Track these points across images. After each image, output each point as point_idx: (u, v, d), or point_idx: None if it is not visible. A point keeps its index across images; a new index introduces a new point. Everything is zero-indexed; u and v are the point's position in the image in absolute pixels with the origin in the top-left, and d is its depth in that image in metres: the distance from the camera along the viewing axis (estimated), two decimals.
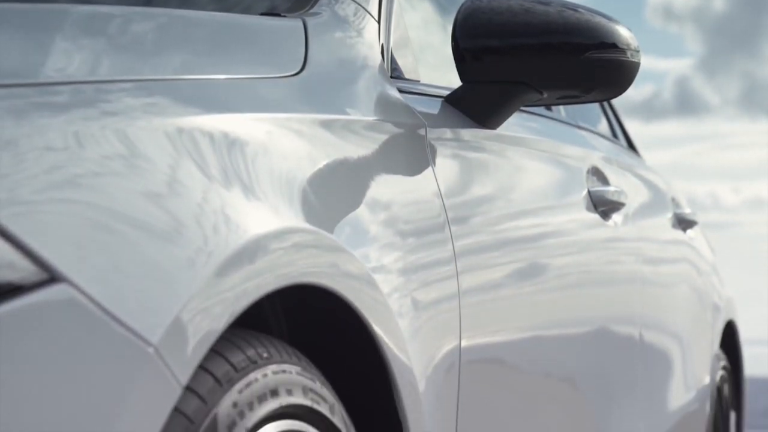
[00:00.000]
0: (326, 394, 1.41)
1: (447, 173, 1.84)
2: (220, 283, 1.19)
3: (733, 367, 3.56)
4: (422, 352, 1.60)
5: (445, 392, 1.66)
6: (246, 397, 1.25)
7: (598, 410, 2.34)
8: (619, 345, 2.50)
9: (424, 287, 1.64)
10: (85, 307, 1.06)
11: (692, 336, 3.10)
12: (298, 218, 1.39)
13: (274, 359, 1.33)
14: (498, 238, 1.94)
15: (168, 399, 1.11)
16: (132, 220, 1.14)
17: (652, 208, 3.04)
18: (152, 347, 1.09)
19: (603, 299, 2.41)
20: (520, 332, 1.95)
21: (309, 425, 1.37)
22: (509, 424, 1.90)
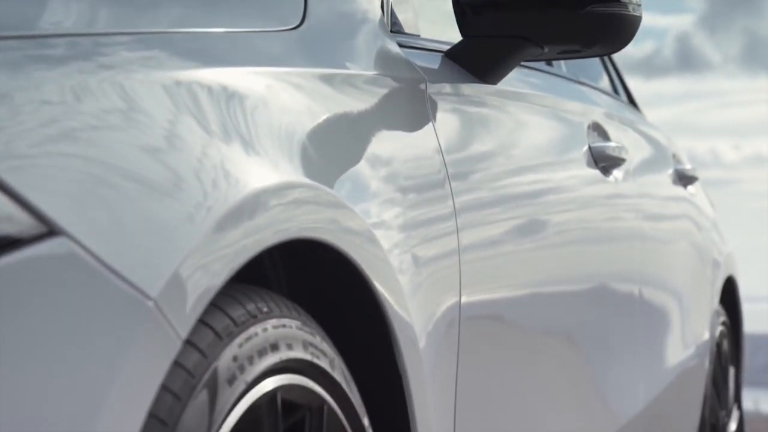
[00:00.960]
0: (326, 348, 1.41)
1: (447, 129, 1.83)
2: (219, 239, 1.18)
3: (732, 323, 3.56)
4: (422, 308, 1.60)
5: (445, 348, 1.66)
6: (246, 351, 1.25)
7: (597, 366, 2.34)
8: (618, 301, 2.51)
9: (424, 243, 1.64)
10: (84, 260, 1.06)
11: (692, 292, 3.10)
12: (297, 173, 1.38)
13: (274, 314, 1.33)
14: (498, 194, 1.94)
15: (168, 352, 1.11)
16: (130, 174, 1.13)
17: (653, 163, 3.04)
18: (152, 301, 1.09)
19: (603, 256, 2.41)
20: (520, 288, 1.95)
21: (309, 379, 1.37)
22: (508, 380, 1.90)
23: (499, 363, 1.87)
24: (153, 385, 1.09)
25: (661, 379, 2.78)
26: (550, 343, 2.11)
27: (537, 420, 2.02)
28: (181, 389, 1.14)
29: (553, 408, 2.10)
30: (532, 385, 2.00)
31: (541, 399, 2.04)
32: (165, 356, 1.11)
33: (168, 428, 1.11)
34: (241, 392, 1.23)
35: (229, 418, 1.21)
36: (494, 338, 1.85)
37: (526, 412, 1.97)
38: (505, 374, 1.90)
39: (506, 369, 1.90)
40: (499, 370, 1.87)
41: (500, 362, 1.88)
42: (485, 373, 1.80)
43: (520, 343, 1.95)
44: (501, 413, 1.88)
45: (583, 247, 2.31)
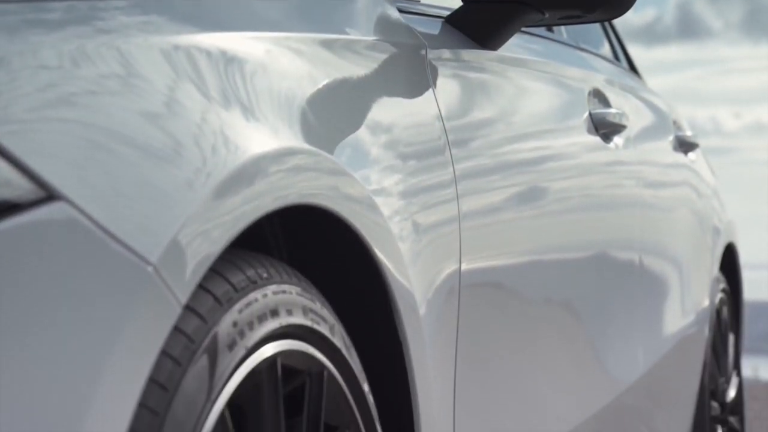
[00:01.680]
0: (326, 314, 1.41)
1: (447, 95, 1.83)
2: (218, 206, 1.18)
3: (732, 290, 3.57)
4: (423, 275, 1.60)
5: (445, 315, 1.66)
6: (246, 316, 1.25)
7: (596, 333, 2.34)
8: (618, 268, 2.51)
9: (424, 210, 1.64)
10: (83, 225, 1.06)
11: (692, 260, 3.10)
12: (297, 139, 1.38)
13: (274, 279, 1.33)
14: (498, 161, 1.94)
15: (168, 318, 1.11)
16: (129, 139, 1.13)
17: (654, 130, 3.03)
18: (151, 266, 1.09)
19: (603, 223, 2.41)
20: (520, 256, 1.95)
21: (309, 345, 1.37)
22: (508, 348, 1.90)
23: (499, 330, 1.87)
24: (153, 351, 1.09)
25: (660, 346, 2.79)
26: (550, 310, 2.11)
27: (536, 387, 2.02)
28: (181, 354, 1.14)
29: (552, 374, 2.10)
30: (532, 352, 2.00)
31: (540, 366, 2.04)
32: (165, 321, 1.10)
33: (168, 393, 1.11)
34: (241, 358, 1.23)
35: (229, 383, 1.21)
36: (494, 305, 1.85)
37: (525, 378, 1.97)
38: (505, 341, 1.90)
39: (506, 336, 1.90)
40: (499, 337, 1.87)
41: (499, 329, 1.88)
42: (485, 341, 1.81)
43: (519, 310, 1.95)
44: (500, 380, 1.88)
45: (584, 215, 2.30)
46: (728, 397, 3.44)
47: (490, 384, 1.83)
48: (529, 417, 1.99)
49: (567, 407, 2.18)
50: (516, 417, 1.94)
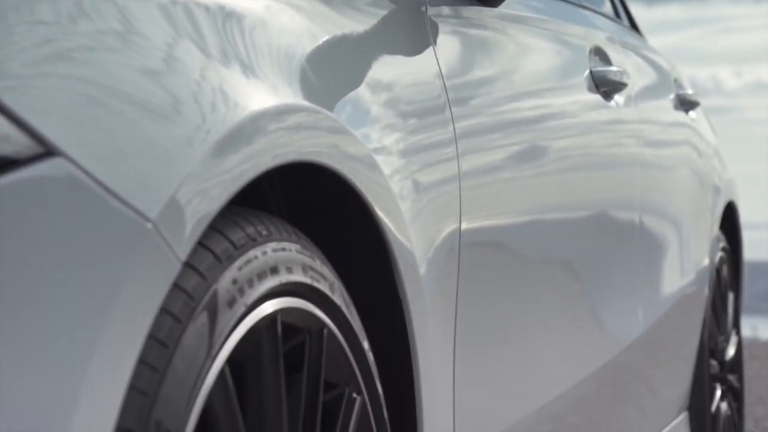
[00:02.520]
0: (326, 272, 1.41)
1: (448, 53, 1.82)
2: (218, 164, 1.18)
3: (732, 248, 3.57)
4: (423, 234, 1.60)
5: (445, 275, 1.66)
6: (245, 274, 1.25)
7: (596, 292, 2.35)
8: (618, 227, 2.51)
9: (424, 169, 1.63)
10: (82, 181, 1.05)
11: (692, 219, 3.10)
12: (297, 96, 1.37)
13: (274, 237, 1.33)
14: (499, 120, 1.93)
15: (167, 275, 1.11)
16: (128, 96, 1.13)
17: (655, 88, 3.02)
18: (151, 223, 1.08)
19: (603, 183, 2.41)
20: (520, 215, 1.95)
21: (309, 303, 1.37)
22: (507, 306, 1.91)
23: (499, 289, 1.87)
24: (152, 307, 1.09)
25: (660, 305, 2.79)
26: (550, 269, 2.11)
27: (536, 346, 2.03)
28: (180, 311, 1.14)
29: (551, 333, 2.10)
30: (531, 311, 2.01)
31: (539, 324, 2.04)
32: (164, 278, 1.10)
33: (168, 350, 1.12)
34: (240, 315, 1.23)
35: (229, 340, 1.21)
36: (494, 265, 1.85)
37: (524, 337, 1.98)
38: (505, 300, 1.90)
39: (505, 295, 1.90)
40: (499, 296, 1.87)
41: (499, 288, 1.88)
42: (485, 300, 1.81)
43: (519, 269, 1.95)
44: (500, 338, 1.88)
45: (584, 174, 2.30)
46: (727, 355, 3.45)
47: (489, 343, 1.83)
48: (528, 376, 2.00)
49: (566, 366, 2.18)
50: (515, 376, 1.94)
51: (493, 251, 1.85)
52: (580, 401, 2.25)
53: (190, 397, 1.13)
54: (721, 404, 3.34)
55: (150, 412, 1.08)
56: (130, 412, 1.07)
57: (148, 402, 1.09)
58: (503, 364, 1.90)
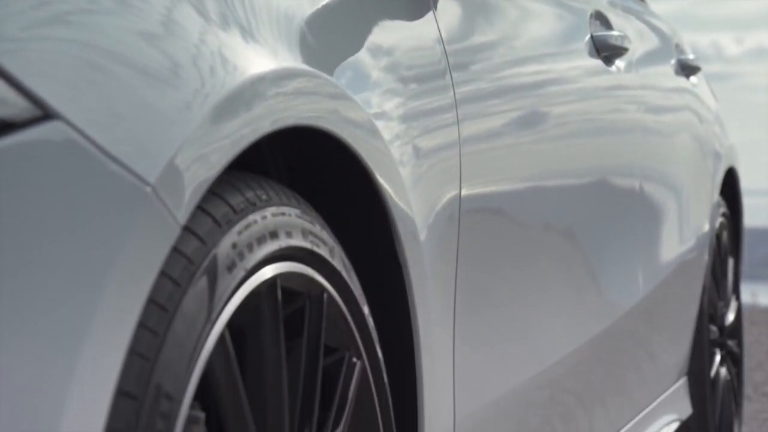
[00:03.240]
0: (326, 237, 1.41)
1: (448, 18, 1.81)
2: (217, 129, 1.17)
3: (732, 214, 3.57)
4: (423, 201, 1.60)
5: (445, 241, 1.66)
6: (245, 238, 1.25)
7: (596, 258, 2.35)
8: (618, 194, 2.51)
9: (425, 135, 1.63)
10: (80, 145, 1.05)
11: (692, 185, 3.10)
12: (297, 61, 1.37)
13: (273, 201, 1.32)
14: (499, 85, 1.93)
15: (166, 239, 1.11)
16: (126, 60, 1.12)
17: (656, 53, 3.01)
18: (150, 187, 1.08)
19: (604, 149, 2.41)
20: (520, 182, 1.95)
21: (308, 267, 1.37)
22: (507, 273, 1.91)
23: (499, 255, 1.88)
24: (152, 271, 1.09)
25: (660, 271, 2.80)
26: (550, 235, 2.11)
27: (535, 311, 2.03)
28: (180, 275, 1.14)
29: (551, 299, 2.10)
30: (531, 277, 2.01)
31: (539, 290, 2.05)
32: (164, 242, 1.10)
33: (168, 314, 1.12)
34: (240, 279, 1.23)
35: (228, 304, 1.21)
36: (494, 231, 1.85)
37: (524, 303, 1.98)
38: (505, 266, 1.90)
39: (505, 261, 1.90)
40: (499, 262, 1.88)
41: (500, 254, 1.88)
42: (484, 266, 1.81)
43: (519, 235, 1.95)
44: (500, 304, 1.88)
45: (584, 140, 2.30)
46: (727, 320, 3.46)
47: (489, 308, 1.83)
48: (527, 341, 2.00)
49: (565, 331, 2.19)
50: (515, 341, 1.95)
51: (493, 217, 1.85)
52: (579, 366, 2.26)
53: (190, 361, 1.14)
54: (720, 369, 3.35)
55: (150, 375, 1.09)
56: (130, 376, 1.07)
57: (148, 366, 1.09)
58: (503, 330, 1.90)
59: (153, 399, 1.09)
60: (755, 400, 4.27)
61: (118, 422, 1.06)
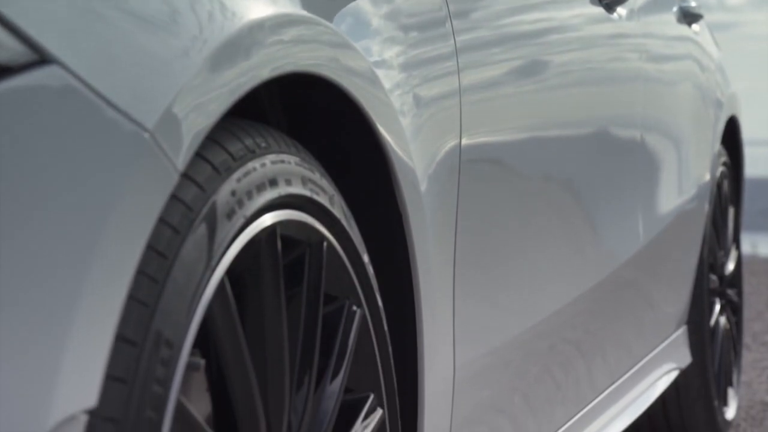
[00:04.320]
0: (325, 185, 1.41)
1: None
2: (215, 75, 1.17)
3: (733, 163, 3.56)
4: (423, 151, 1.59)
5: (446, 191, 1.66)
6: (244, 186, 1.25)
7: (595, 208, 2.35)
8: (619, 143, 2.50)
9: (425, 83, 1.62)
10: (77, 90, 1.04)
11: (693, 135, 3.09)
12: (296, 8, 1.36)
13: (273, 149, 1.32)
14: (500, 34, 1.91)
15: (165, 185, 1.10)
16: (124, 5, 1.11)
17: (658, 1, 2.99)
18: (148, 132, 1.08)
19: (605, 98, 2.40)
20: (521, 132, 1.94)
21: (308, 215, 1.37)
22: (507, 223, 1.90)
23: (499, 205, 1.87)
24: (151, 218, 1.08)
25: (660, 220, 2.79)
26: (550, 185, 2.11)
27: (535, 261, 2.03)
28: (179, 223, 1.14)
29: (551, 249, 2.10)
30: (531, 226, 2.01)
31: (539, 240, 2.04)
32: (162, 189, 1.10)
33: (167, 261, 1.11)
34: (240, 227, 1.23)
35: (228, 252, 1.21)
36: (494, 181, 1.85)
37: (524, 253, 1.98)
38: (505, 216, 1.90)
39: (506, 211, 1.90)
40: (499, 212, 1.87)
41: (500, 204, 1.87)
42: (485, 216, 1.81)
43: (519, 185, 1.95)
44: (500, 255, 1.88)
45: (586, 89, 2.29)
46: (727, 270, 3.46)
47: (489, 258, 1.83)
48: (527, 291, 2.00)
49: (565, 281, 2.19)
50: (514, 291, 1.95)
51: (493, 167, 1.85)
52: (578, 316, 2.26)
53: (190, 309, 1.14)
54: (720, 318, 3.36)
55: (150, 322, 1.09)
56: (130, 322, 1.07)
57: (147, 312, 1.09)
58: (503, 279, 1.90)
59: (153, 345, 1.09)
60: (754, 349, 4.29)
61: (118, 368, 1.06)
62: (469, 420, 1.77)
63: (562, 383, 2.21)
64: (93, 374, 1.03)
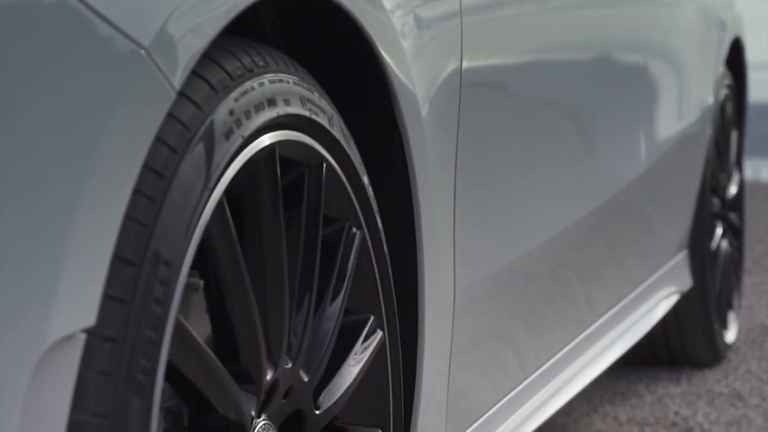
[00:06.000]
0: (324, 105, 1.40)
1: None
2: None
3: (737, 85, 3.54)
4: (424, 74, 1.58)
5: (446, 114, 1.65)
6: (242, 105, 1.23)
7: (597, 133, 2.33)
8: (622, 66, 2.48)
9: (426, 4, 1.60)
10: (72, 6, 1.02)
11: (697, 56, 3.07)
12: None
13: (271, 68, 1.30)
14: None
15: (162, 104, 1.09)
16: None
17: None
18: (144, 50, 1.06)
19: (607, 20, 2.37)
20: (522, 54, 1.92)
21: (307, 136, 1.36)
22: (508, 146, 1.89)
23: (500, 129, 1.86)
24: (147, 136, 1.08)
25: (663, 144, 2.78)
26: (551, 109, 2.09)
27: (536, 184, 2.02)
28: (176, 142, 1.13)
29: (551, 172, 2.10)
30: (532, 150, 2.00)
31: (540, 164, 2.04)
32: (159, 107, 1.09)
33: (164, 181, 1.11)
34: (238, 146, 1.22)
35: (226, 172, 1.20)
36: (495, 104, 1.83)
37: (525, 176, 1.97)
38: (505, 139, 1.89)
39: (506, 134, 1.89)
40: (500, 135, 1.86)
41: (500, 128, 1.86)
42: (486, 140, 1.79)
43: (520, 109, 1.94)
44: (500, 177, 1.87)
45: (587, 11, 2.27)
46: (729, 193, 3.45)
47: (490, 181, 1.83)
48: (527, 214, 2.00)
49: (565, 205, 2.18)
50: (515, 214, 1.94)
51: (493, 90, 1.83)
52: (579, 241, 2.26)
53: (188, 229, 1.13)
54: (721, 242, 3.36)
55: (148, 242, 1.08)
56: (128, 242, 1.07)
57: (145, 232, 1.08)
58: (503, 203, 1.90)
59: (151, 265, 1.08)
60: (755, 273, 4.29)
61: (116, 288, 1.06)
62: (469, 344, 1.78)
63: (561, 308, 2.22)
64: (91, 294, 1.03)
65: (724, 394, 2.99)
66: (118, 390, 1.05)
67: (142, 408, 1.07)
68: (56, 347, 1.00)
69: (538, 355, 2.13)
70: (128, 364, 1.06)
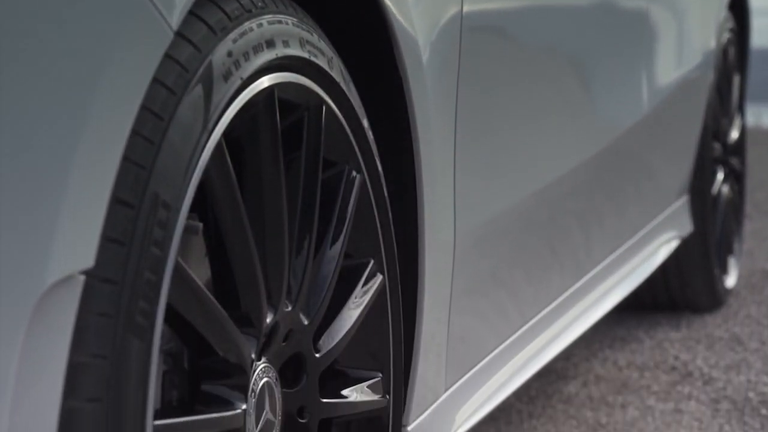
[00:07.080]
0: (324, 47, 1.39)
1: None
2: None
3: (740, 30, 3.51)
4: (425, 17, 1.56)
5: (447, 60, 1.63)
6: (241, 46, 1.22)
7: (598, 78, 2.32)
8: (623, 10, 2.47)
9: None
10: None
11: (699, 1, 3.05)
12: None
13: (270, 9, 1.29)
14: None
15: (159, 44, 1.08)
16: None
17: None
18: None
19: None
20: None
21: (306, 78, 1.35)
22: (508, 92, 1.88)
23: (500, 74, 1.85)
24: (145, 77, 1.07)
25: (664, 88, 2.77)
26: (552, 54, 2.08)
27: (536, 130, 2.02)
28: (174, 83, 1.12)
29: (552, 118, 2.09)
30: (532, 96, 1.99)
31: (540, 109, 2.03)
32: (156, 48, 1.08)
33: (163, 122, 1.10)
34: (237, 88, 1.21)
35: (225, 113, 1.19)
36: (495, 50, 1.82)
37: (525, 122, 1.96)
38: (506, 85, 1.87)
39: (507, 80, 1.88)
40: (500, 81, 1.85)
41: (501, 74, 1.85)
42: (486, 85, 1.78)
43: (521, 54, 1.92)
44: (501, 123, 1.87)
45: None
46: (731, 138, 3.44)
47: (490, 127, 1.82)
48: (528, 159, 1.99)
49: (566, 150, 2.18)
50: (515, 159, 1.94)
51: (494, 35, 1.82)
52: (579, 186, 2.25)
53: (187, 171, 1.12)
54: (722, 187, 3.35)
55: (146, 184, 1.08)
56: (126, 184, 1.06)
57: (144, 174, 1.08)
58: (503, 147, 1.89)
59: (150, 207, 1.08)
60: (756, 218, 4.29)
61: (115, 230, 1.05)
62: (468, 289, 1.78)
63: (561, 253, 2.22)
64: (90, 235, 1.02)
65: (723, 339, 3.00)
66: (117, 331, 1.05)
67: (142, 349, 1.07)
68: (55, 289, 0.99)
69: (538, 301, 2.13)
70: (127, 306, 1.06)
